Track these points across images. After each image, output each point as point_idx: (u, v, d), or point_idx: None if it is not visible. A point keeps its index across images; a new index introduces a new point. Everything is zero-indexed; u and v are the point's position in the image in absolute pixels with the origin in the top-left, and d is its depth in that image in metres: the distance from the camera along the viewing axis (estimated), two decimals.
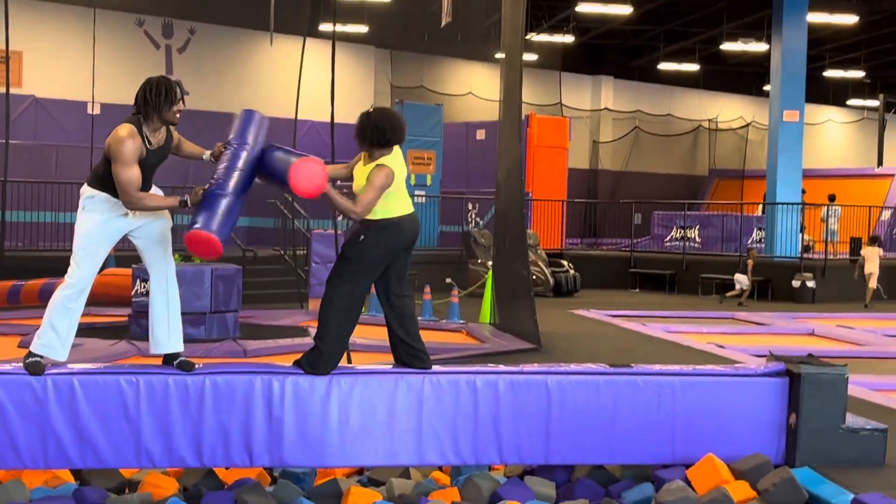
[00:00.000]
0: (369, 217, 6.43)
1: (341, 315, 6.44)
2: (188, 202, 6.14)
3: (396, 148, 6.57)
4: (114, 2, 20.98)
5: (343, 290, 6.42)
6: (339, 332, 6.44)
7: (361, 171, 6.53)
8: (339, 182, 6.79)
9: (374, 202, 6.39)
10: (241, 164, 6.29)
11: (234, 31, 23.86)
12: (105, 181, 6.15)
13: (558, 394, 6.46)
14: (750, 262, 18.71)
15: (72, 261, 6.16)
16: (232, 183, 6.21)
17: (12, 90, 9.87)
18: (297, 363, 6.40)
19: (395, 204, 6.48)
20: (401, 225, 6.47)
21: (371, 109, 6.73)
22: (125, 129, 6.11)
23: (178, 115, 6.22)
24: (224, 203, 6.16)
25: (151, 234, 6.30)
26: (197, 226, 6.06)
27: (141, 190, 6.11)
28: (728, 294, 18.62)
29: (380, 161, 6.47)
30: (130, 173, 6.02)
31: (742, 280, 18.47)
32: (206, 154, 6.48)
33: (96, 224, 6.18)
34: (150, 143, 6.19)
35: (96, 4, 18.86)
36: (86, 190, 6.23)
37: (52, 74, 21.26)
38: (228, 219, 6.17)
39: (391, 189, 6.44)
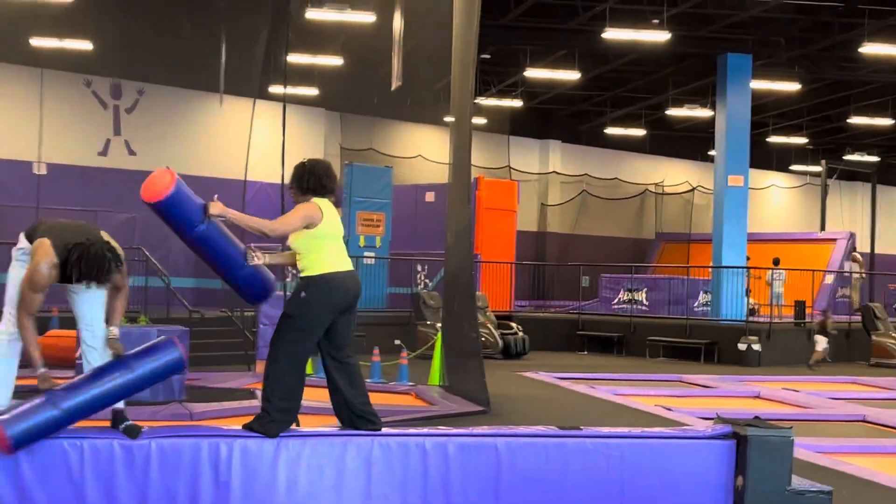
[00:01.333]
0: (309, 273, 6.43)
1: (287, 375, 6.38)
2: (39, 386, 5.96)
3: (328, 202, 6.57)
4: (61, 62, 20.90)
5: (287, 350, 6.37)
6: (287, 393, 6.38)
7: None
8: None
9: (293, 224, 6.36)
10: (96, 391, 5.97)
11: (184, 91, 23.83)
12: (39, 230, 6.14)
13: (508, 456, 6.44)
14: (828, 321, 18.99)
15: (5, 311, 6.12)
16: (67, 404, 5.86)
17: None
18: (246, 427, 6.33)
19: (335, 259, 6.47)
20: (341, 280, 6.45)
21: (305, 160, 6.74)
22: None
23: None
24: (46, 416, 5.83)
25: (88, 291, 6.19)
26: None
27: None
28: (813, 360, 18.70)
29: (312, 199, 6.49)
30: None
31: (822, 341, 18.70)
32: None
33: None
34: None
35: (43, 64, 18.82)
36: (21, 240, 6.21)
37: None
38: (36, 429, 5.81)
39: (327, 242, 6.43)
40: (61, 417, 5.83)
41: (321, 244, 6.44)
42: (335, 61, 23.09)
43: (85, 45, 20.68)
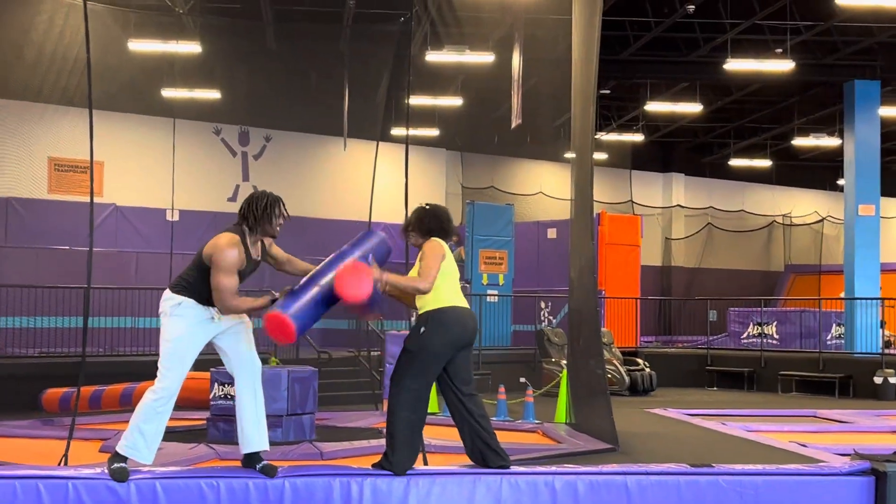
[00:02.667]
0: (428, 309, 6.55)
1: (408, 411, 6.45)
2: (277, 300, 6.27)
3: (444, 243, 6.70)
4: (192, 112, 21.60)
5: (407, 386, 6.45)
6: (409, 429, 6.45)
7: (415, 268, 6.71)
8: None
9: (435, 269, 6.48)
10: (335, 262, 6.39)
11: (309, 136, 24.38)
12: (193, 287, 6.29)
13: (638, 494, 6.38)
14: None
15: (160, 367, 6.28)
16: (322, 280, 6.28)
17: (94, 199, 10.16)
18: (375, 465, 6.41)
19: (450, 294, 6.57)
20: (459, 315, 6.52)
21: (426, 204, 6.97)
22: (227, 239, 6.27)
23: (278, 230, 6.40)
24: (308, 294, 6.23)
25: (237, 335, 6.43)
26: (276, 308, 6.15)
27: None
28: None
29: (433, 239, 6.68)
30: (231, 281, 6.18)
31: None
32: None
33: (185, 331, 6.31)
34: (249, 253, 6.35)
35: (175, 115, 19.49)
36: (171, 296, 6.37)
37: (132, 183, 21.85)
38: (309, 310, 6.21)
39: (444, 278, 6.53)
40: (317, 293, 6.21)
41: (440, 282, 6.54)
42: (455, 102, 23.33)
43: (214, 95, 21.35)
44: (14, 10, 14.11)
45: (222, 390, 10.87)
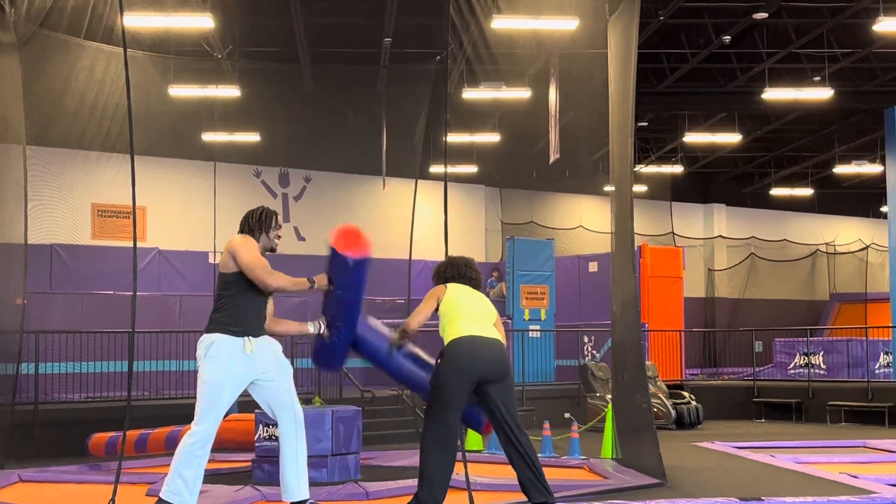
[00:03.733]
0: (444, 343, 6.89)
1: (434, 447, 6.52)
2: (315, 283, 6.40)
3: (460, 284, 7.29)
4: (232, 155, 21.81)
5: (428, 421, 6.58)
6: (436, 466, 6.49)
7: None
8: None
9: (422, 310, 7.08)
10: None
11: (348, 176, 24.53)
12: (221, 317, 6.33)
13: None
14: None
15: (196, 410, 6.30)
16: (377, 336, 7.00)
17: (138, 244, 10.26)
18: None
19: (462, 326, 6.82)
20: (466, 344, 6.68)
21: (447, 258, 7.71)
22: (239, 236, 6.44)
23: (277, 242, 6.53)
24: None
25: (278, 383, 6.44)
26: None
27: (253, 312, 6.31)
28: None
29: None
30: (262, 260, 6.30)
31: None
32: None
33: (221, 371, 6.32)
34: None
35: (216, 158, 19.69)
36: (204, 338, 6.42)
37: (174, 227, 22.06)
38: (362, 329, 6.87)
39: (456, 313, 7.01)
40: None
41: (450, 317, 6.96)
42: (493, 138, 23.39)
43: (254, 138, 21.55)
44: (55, 59, 14.32)
45: (267, 432, 10.89)
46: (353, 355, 6.90)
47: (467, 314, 6.92)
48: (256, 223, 6.59)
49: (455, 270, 7.41)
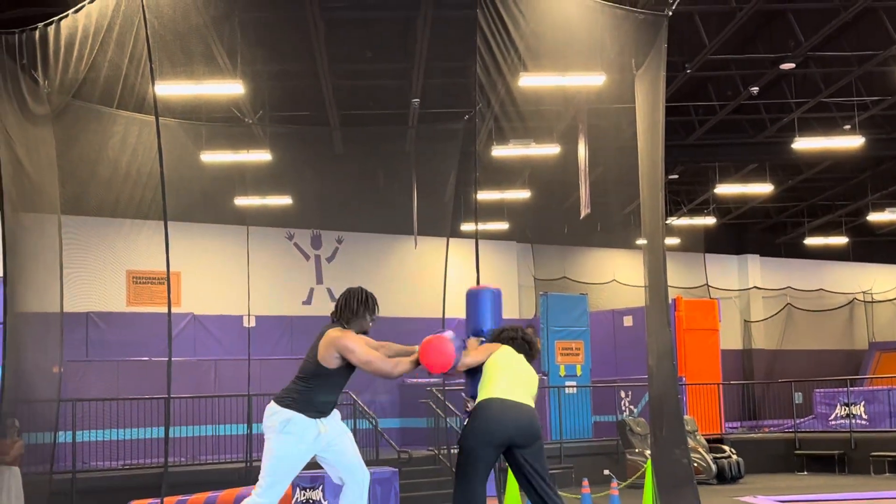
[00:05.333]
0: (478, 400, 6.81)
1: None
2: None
3: (506, 346, 7.12)
4: (264, 218, 21.95)
5: (456, 483, 6.50)
6: None
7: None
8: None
9: (474, 356, 6.92)
10: None
11: (380, 237, 24.61)
12: (302, 400, 6.27)
13: None
14: None
15: (262, 480, 6.23)
16: None
17: (172, 309, 10.30)
18: None
19: (494, 386, 6.73)
20: (494, 408, 6.57)
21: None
22: (338, 329, 6.37)
23: (371, 325, 6.50)
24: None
25: (342, 448, 6.42)
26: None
27: (333, 396, 6.32)
28: None
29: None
30: (371, 352, 6.26)
31: None
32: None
33: (293, 449, 6.25)
34: None
35: (248, 222, 19.81)
36: (279, 410, 6.30)
37: (208, 291, 22.17)
38: None
39: (492, 372, 6.85)
40: None
41: (490, 375, 6.85)
42: (523, 194, 23.43)
43: (285, 201, 21.69)
44: (88, 128, 14.52)
45: (304, 495, 10.83)
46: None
47: (507, 377, 6.78)
48: (362, 306, 6.55)
49: (516, 334, 7.30)
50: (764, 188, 24.78)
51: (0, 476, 11.23)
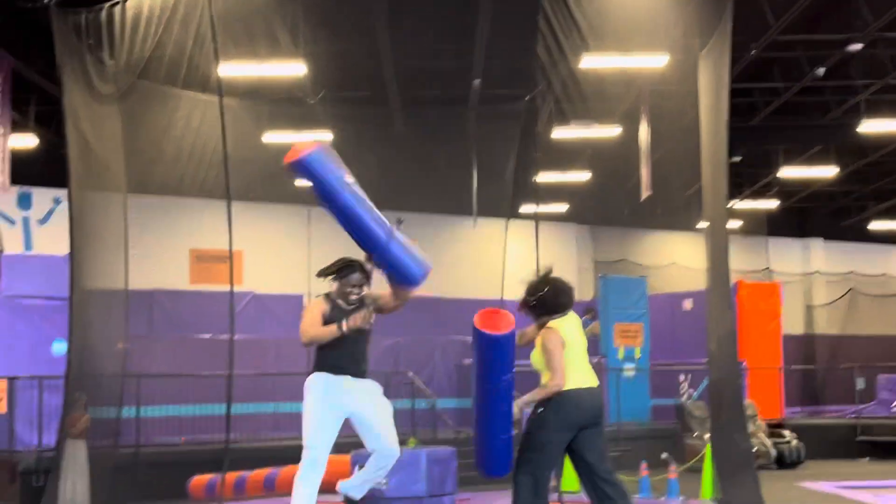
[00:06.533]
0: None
1: (529, 495, 6.34)
2: (344, 328, 6.53)
3: (565, 317, 6.60)
4: None
5: (525, 469, 6.38)
6: None
7: (536, 352, 6.67)
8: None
9: (561, 361, 6.37)
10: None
11: (439, 217, 24.63)
12: (315, 361, 6.63)
13: None
14: None
15: (303, 442, 6.53)
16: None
17: (234, 288, 10.43)
18: None
19: (573, 372, 6.46)
20: (578, 397, 6.41)
21: (545, 280, 6.84)
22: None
23: (353, 291, 7.13)
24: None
25: (372, 414, 6.56)
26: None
27: (337, 358, 6.67)
28: None
29: (549, 325, 6.54)
30: (304, 318, 6.99)
31: None
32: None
33: (315, 406, 6.57)
34: (336, 304, 7.16)
35: (309, 202, 19.92)
36: (307, 379, 6.69)
37: (269, 270, 22.34)
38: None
39: (567, 356, 6.43)
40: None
41: (566, 359, 6.46)
42: (583, 176, 23.32)
43: None
44: (154, 108, 14.71)
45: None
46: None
47: (578, 356, 6.57)
48: (337, 274, 7.56)
49: (567, 298, 6.73)
50: (828, 171, 24.44)
51: (66, 449, 11.47)
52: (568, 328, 6.56)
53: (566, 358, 6.46)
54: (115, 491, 12.45)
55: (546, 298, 6.70)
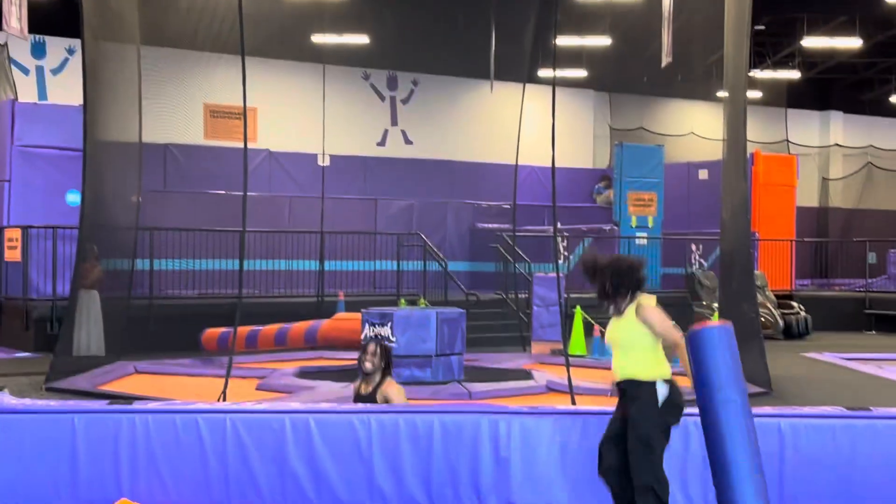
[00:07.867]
0: (659, 376, 6.06)
1: (662, 479, 5.84)
2: None
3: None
4: (341, 57, 21.82)
5: (653, 460, 5.87)
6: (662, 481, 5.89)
7: (617, 324, 6.12)
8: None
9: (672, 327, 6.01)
10: None
11: (456, 80, 24.40)
12: None
13: (792, 437, 6.26)
14: None
15: None
16: None
17: (248, 145, 10.39)
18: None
19: (665, 360, 6.09)
20: (680, 394, 6.04)
21: (611, 265, 6.21)
22: None
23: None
24: None
25: None
26: None
27: None
28: None
29: (640, 301, 6.17)
30: None
31: None
32: None
33: None
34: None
35: (325, 60, 19.70)
36: None
37: (284, 129, 22.24)
38: None
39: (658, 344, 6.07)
40: None
41: (658, 346, 6.15)
42: (603, 41, 22.97)
43: (363, 40, 21.50)
44: None
45: (373, 331, 11.04)
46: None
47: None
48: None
49: (642, 272, 6.18)
50: (852, 42, 24.01)
51: (80, 299, 11.61)
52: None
53: (662, 345, 6.06)
54: (128, 341, 12.66)
55: (624, 275, 6.11)
